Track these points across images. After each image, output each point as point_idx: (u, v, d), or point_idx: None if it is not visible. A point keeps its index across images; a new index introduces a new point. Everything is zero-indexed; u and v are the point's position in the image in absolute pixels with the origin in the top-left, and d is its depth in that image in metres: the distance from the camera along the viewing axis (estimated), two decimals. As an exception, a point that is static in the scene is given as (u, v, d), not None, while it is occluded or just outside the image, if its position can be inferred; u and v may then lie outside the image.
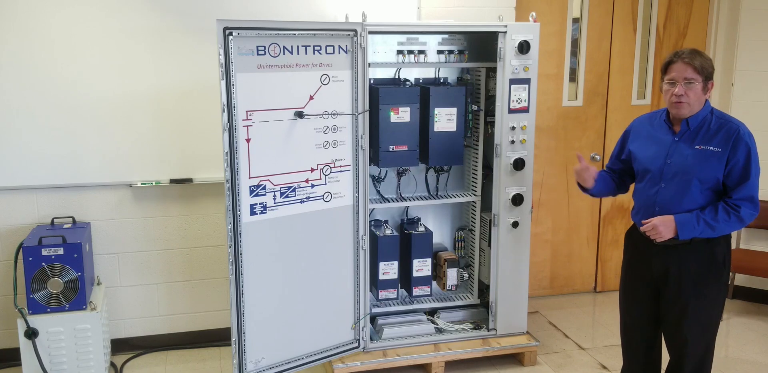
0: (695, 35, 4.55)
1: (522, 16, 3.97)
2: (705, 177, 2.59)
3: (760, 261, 4.26)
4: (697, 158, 2.60)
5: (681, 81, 2.56)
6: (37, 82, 3.38)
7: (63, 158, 3.48)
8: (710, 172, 2.58)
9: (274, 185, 3.07)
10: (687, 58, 2.55)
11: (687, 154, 2.62)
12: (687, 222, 2.59)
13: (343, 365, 3.38)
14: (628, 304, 2.95)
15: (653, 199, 2.71)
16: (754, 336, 4.08)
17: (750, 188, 2.56)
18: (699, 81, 2.55)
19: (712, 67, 2.58)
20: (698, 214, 2.59)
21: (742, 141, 2.55)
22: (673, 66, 2.58)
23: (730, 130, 2.58)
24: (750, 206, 2.57)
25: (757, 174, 2.58)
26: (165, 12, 3.47)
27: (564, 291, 4.69)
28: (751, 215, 2.58)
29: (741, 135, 2.56)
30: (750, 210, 2.57)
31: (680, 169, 2.63)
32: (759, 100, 4.37)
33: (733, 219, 2.57)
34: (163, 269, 3.78)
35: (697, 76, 2.54)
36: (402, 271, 3.60)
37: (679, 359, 2.81)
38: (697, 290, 2.68)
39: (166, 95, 3.54)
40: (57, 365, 3.23)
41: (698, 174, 2.59)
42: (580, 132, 4.47)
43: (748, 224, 2.64)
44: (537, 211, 4.43)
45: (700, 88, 2.57)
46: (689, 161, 2.62)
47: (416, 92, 3.38)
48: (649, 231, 2.65)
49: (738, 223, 2.58)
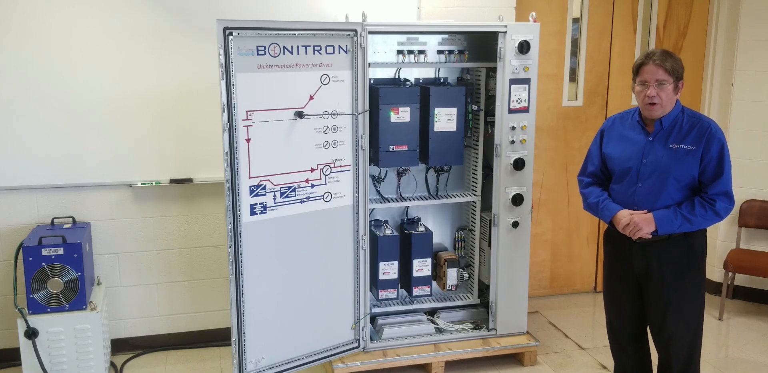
0: (695, 35, 4.56)
1: (522, 16, 3.97)
2: (681, 175, 2.65)
3: (760, 261, 4.26)
4: (672, 157, 2.66)
5: (653, 83, 2.61)
6: (38, 83, 3.38)
7: (63, 158, 3.48)
8: (686, 170, 2.65)
9: (274, 185, 3.07)
10: (658, 60, 2.60)
11: (662, 154, 2.68)
12: (665, 217, 2.66)
13: (343, 365, 3.38)
14: (614, 304, 3.00)
15: (632, 198, 2.76)
16: (754, 336, 4.08)
17: (724, 183, 2.62)
18: (670, 82, 2.61)
19: (682, 68, 2.64)
20: (675, 209, 2.66)
21: (714, 138, 2.62)
22: (645, 68, 2.63)
23: (702, 127, 2.64)
24: (725, 200, 2.63)
25: (729, 169, 2.64)
26: (165, 12, 3.47)
27: (564, 291, 4.69)
28: (726, 208, 2.63)
29: (713, 132, 2.62)
30: (725, 204, 2.63)
31: (656, 169, 2.69)
32: (759, 100, 4.37)
33: (710, 213, 2.63)
34: (163, 269, 3.78)
35: (669, 78, 2.60)
36: (402, 271, 3.60)
37: (668, 356, 2.85)
38: (677, 283, 2.74)
39: (167, 95, 3.54)
40: (57, 365, 3.23)
41: (674, 172, 2.66)
42: (580, 132, 4.47)
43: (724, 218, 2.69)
44: (537, 211, 4.43)
45: (672, 88, 2.62)
46: (664, 160, 2.67)
47: (416, 92, 3.38)
48: (628, 228, 2.71)
49: (714, 216, 2.64)
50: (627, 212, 2.74)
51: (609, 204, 2.81)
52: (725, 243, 4.59)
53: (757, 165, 4.41)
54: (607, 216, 2.81)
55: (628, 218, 2.71)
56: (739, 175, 4.45)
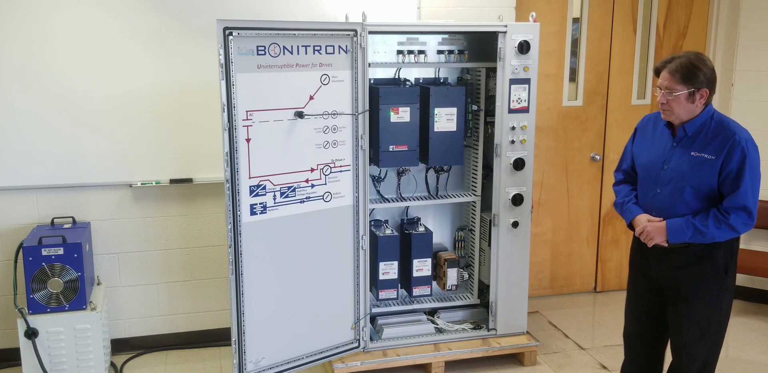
0: (695, 35, 4.56)
1: (522, 16, 3.97)
2: (699, 184, 2.57)
3: (760, 261, 4.27)
4: (691, 165, 2.59)
5: (663, 90, 2.56)
6: (38, 83, 3.38)
7: (63, 158, 3.48)
8: (703, 180, 2.56)
9: (274, 185, 3.07)
10: (672, 67, 2.53)
11: (682, 161, 2.61)
12: (677, 227, 2.60)
13: (343, 365, 3.38)
14: (631, 300, 2.96)
15: (651, 203, 2.72)
16: (754, 336, 4.08)
17: (741, 197, 2.51)
18: (680, 91, 2.52)
19: (705, 77, 2.51)
20: (689, 219, 2.58)
21: (737, 148, 2.50)
22: (661, 73, 2.57)
23: (727, 137, 2.53)
24: (742, 215, 2.52)
25: (753, 183, 2.52)
26: (165, 12, 3.47)
27: (564, 291, 4.69)
28: (743, 223, 2.53)
29: (737, 142, 2.51)
30: (742, 219, 2.52)
31: (675, 176, 2.62)
32: (759, 100, 4.37)
33: (724, 227, 2.54)
34: (163, 269, 3.78)
35: (679, 87, 2.52)
36: (402, 271, 3.60)
37: (679, 363, 2.80)
38: (695, 293, 2.67)
39: (167, 95, 3.54)
40: (57, 365, 3.23)
41: (691, 181, 2.58)
42: (580, 132, 4.47)
43: (745, 232, 2.59)
44: (537, 211, 4.43)
45: (684, 97, 2.53)
46: (684, 168, 2.60)
47: (416, 92, 3.38)
48: (642, 236, 2.69)
49: (729, 231, 2.55)
50: (645, 217, 2.70)
51: (631, 207, 2.77)
52: (725, 243, 4.59)
53: (757, 165, 4.41)
54: (627, 218, 2.78)
55: (642, 226, 2.68)
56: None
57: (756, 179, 2.53)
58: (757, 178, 2.54)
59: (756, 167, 2.53)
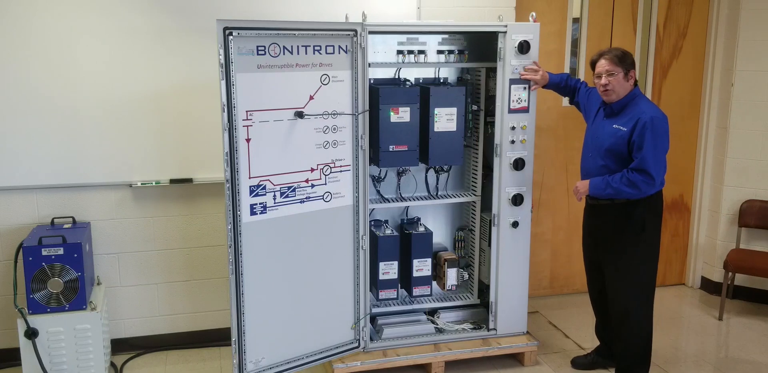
0: (695, 35, 4.56)
1: (522, 16, 3.97)
2: (616, 150, 3.14)
3: (760, 261, 4.26)
4: (611, 135, 3.16)
5: (604, 74, 3.12)
6: (37, 82, 3.38)
7: (63, 158, 3.48)
8: (619, 147, 3.13)
9: (274, 185, 3.07)
10: (607, 55, 3.13)
11: (606, 131, 3.19)
12: (596, 183, 3.18)
13: (343, 365, 3.38)
14: (584, 255, 3.53)
15: (585, 166, 3.31)
16: (754, 336, 4.08)
17: (643, 161, 3.03)
18: (619, 71, 3.10)
19: (631, 59, 3.14)
20: (605, 177, 3.15)
21: (641, 123, 3.04)
22: (598, 63, 3.16)
23: (636, 113, 3.09)
24: (643, 174, 3.04)
25: (654, 152, 3.02)
26: (165, 12, 3.47)
27: (564, 291, 4.69)
28: (644, 182, 3.04)
29: (642, 118, 3.04)
30: (642, 178, 3.04)
31: (601, 143, 3.20)
32: (759, 100, 4.37)
33: (629, 184, 3.06)
34: (163, 269, 3.78)
35: (617, 68, 3.10)
36: (402, 271, 3.60)
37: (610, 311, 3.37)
38: (614, 245, 3.25)
39: (167, 95, 3.54)
40: (57, 365, 3.23)
41: (611, 148, 3.15)
42: (580, 132, 4.43)
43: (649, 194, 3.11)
44: (537, 211, 4.43)
45: (622, 77, 3.12)
46: (606, 137, 3.18)
47: (416, 92, 3.38)
48: (574, 191, 3.29)
49: (633, 188, 3.06)
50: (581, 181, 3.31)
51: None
52: (725, 243, 4.59)
53: (757, 165, 4.41)
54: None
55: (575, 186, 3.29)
56: (738, 175, 4.47)
57: (659, 149, 3.05)
58: (660, 147, 3.05)
59: (659, 139, 3.05)
